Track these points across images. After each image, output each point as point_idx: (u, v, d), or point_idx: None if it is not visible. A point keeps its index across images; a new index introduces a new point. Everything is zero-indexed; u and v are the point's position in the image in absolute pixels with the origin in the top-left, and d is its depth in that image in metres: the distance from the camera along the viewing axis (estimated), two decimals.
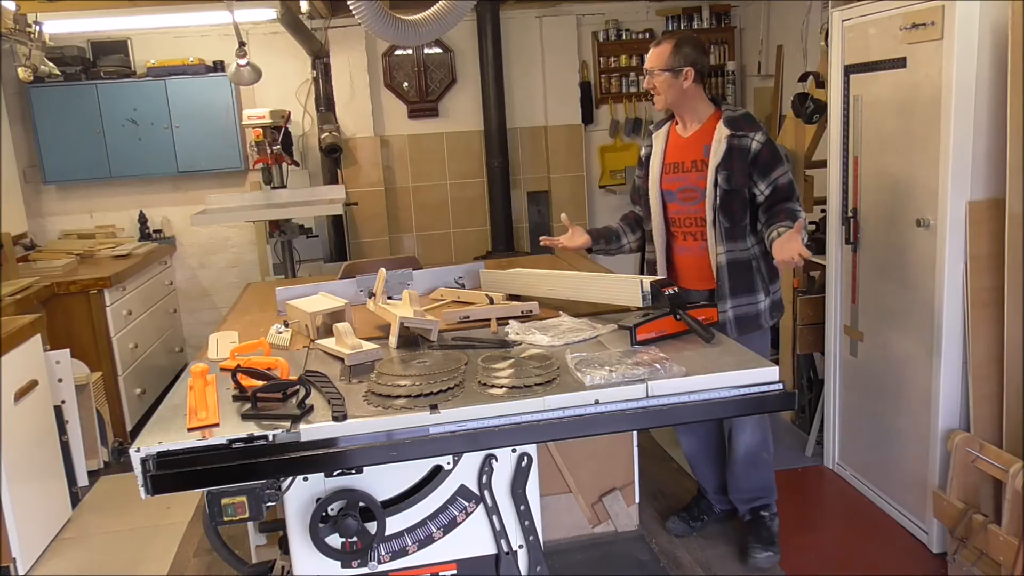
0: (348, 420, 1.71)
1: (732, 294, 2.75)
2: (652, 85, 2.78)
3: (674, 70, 2.73)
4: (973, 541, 2.61)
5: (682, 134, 2.86)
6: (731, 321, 2.75)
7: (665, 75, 2.73)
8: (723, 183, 2.68)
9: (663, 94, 2.77)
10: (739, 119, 2.72)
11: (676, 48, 2.72)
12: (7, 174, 4.89)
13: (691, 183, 2.78)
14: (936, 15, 2.71)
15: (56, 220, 5.48)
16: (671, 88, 2.75)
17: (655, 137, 2.97)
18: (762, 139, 2.67)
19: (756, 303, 2.77)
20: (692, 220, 2.81)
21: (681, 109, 2.82)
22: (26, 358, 3.31)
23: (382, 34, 2.75)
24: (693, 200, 2.78)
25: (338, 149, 5.28)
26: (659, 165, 2.88)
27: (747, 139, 2.67)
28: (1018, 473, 2.45)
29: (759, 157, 2.66)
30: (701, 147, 2.76)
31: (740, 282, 2.75)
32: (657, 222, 2.89)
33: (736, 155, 2.67)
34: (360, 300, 2.71)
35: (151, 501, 1.73)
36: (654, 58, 2.75)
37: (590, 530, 3.15)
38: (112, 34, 5.24)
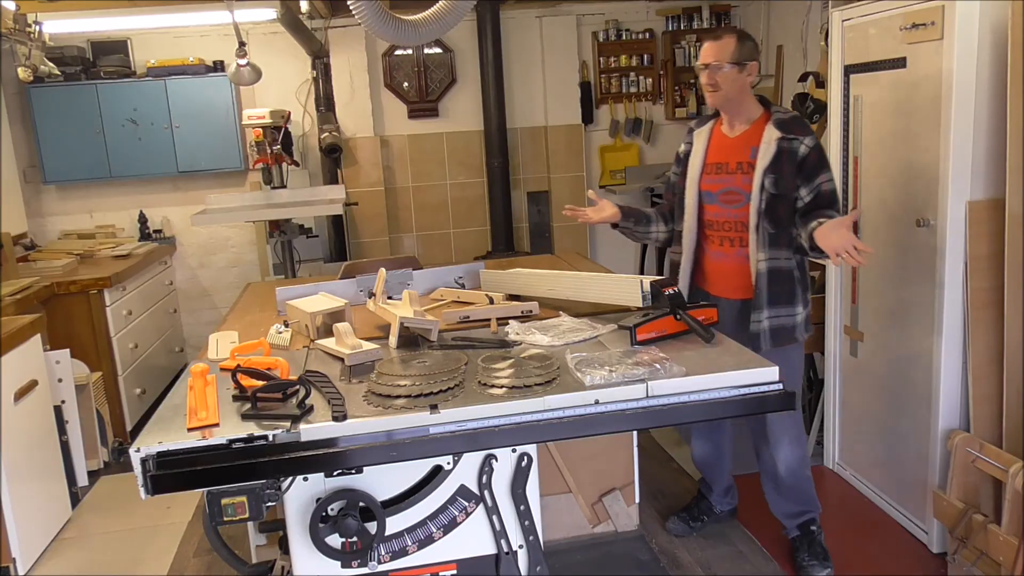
0: (348, 420, 1.71)
1: (770, 304, 2.63)
2: (713, 80, 2.61)
3: (740, 64, 2.59)
4: (973, 541, 2.61)
5: (728, 134, 2.73)
6: (766, 332, 2.65)
7: (730, 69, 2.59)
8: (770, 187, 2.57)
9: (724, 89, 2.61)
10: (790, 122, 2.60)
11: (741, 41, 2.60)
12: (7, 174, 4.89)
13: (735, 185, 2.67)
14: (936, 15, 2.71)
15: (56, 220, 5.48)
16: (734, 83, 2.61)
17: (696, 135, 2.81)
18: (811, 144, 2.56)
19: (793, 315, 2.66)
20: (732, 224, 2.70)
21: (734, 107, 2.68)
22: (26, 358, 3.31)
23: (382, 34, 2.76)
24: (735, 203, 2.67)
25: (338, 149, 5.28)
26: (699, 164, 2.76)
27: (797, 143, 2.56)
28: (1018, 473, 2.45)
29: (806, 161, 2.56)
30: (748, 148, 2.65)
31: (780, 292, 2.63)
32: (690, 223, 2.78)
33: (785, 159, 2.56)
34: (360, 300, 2.71)
35: (151, 501, 1.73)
36: (718, 51, 2.60)
37: (590, 530, 3.15)
38: (112, 34, 5.24)
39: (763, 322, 2.64)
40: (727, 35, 2.62)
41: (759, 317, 2.63)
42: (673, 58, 6.06)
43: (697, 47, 6.08)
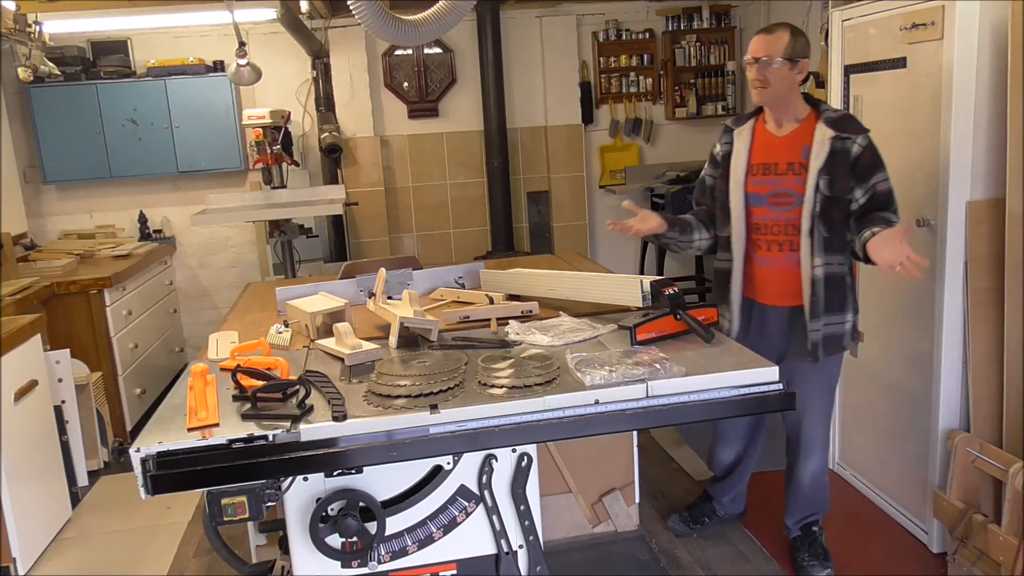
0: (348, 420, 1.71)
1: (826, 311, 2.54)
2: (762, 76, 2.49)
3: (792, 60, 2.48)
4: (973, 541, 2.61)
5: (775, 132, 2.60)
6: (820, 342, 2.57)
7: (782, 64, 2.47)
8: (825, 188, 2.46)
9: (773, 86, 2.49)
10: (841, 120, 2.49)
11: (794, 37, 2.48)
12: (7, 174, 4.89)
13: (785, 187, 2.55)
14: (936, 15, 2.71)
15: (56, 220, 5.48)
16: (784, 80, 2.49)
17: (737, 134, 2.67)
18: (864, 142, 2.45)
19: (843, 323, 2.58)
20: (781, 227, 2.58)
21: (782, 105, 2.56)
22: (26, 358, 3.31)
23: (382, 34, 2.76)
24: (786, 206, 2.56)
25: (338, 149, 5.28)
26: (744, 165, 2.62)
27: (850, 142, 2.45)
28: (1018, 473, 2.45)
29: (860, 161, 2.45)
30: (799, 148, 2.52)
31: (834, 298, 2.54)
32: (739, 228, 2.64)
33: (839, 159, 2.45)
34: (360, 300, 2.71)
35: (151, 501, 1.73)
36: (770, 45, 2.47)
37: (590, 530, 3.15)
38: (112, 34, 5.24)
39: (820, 331, 2.55)
40: (780, 29, 2.50)
41: (816, 326, 2.55)
42: (673, 58, 6.06)
43: (697, 47, 6.08)
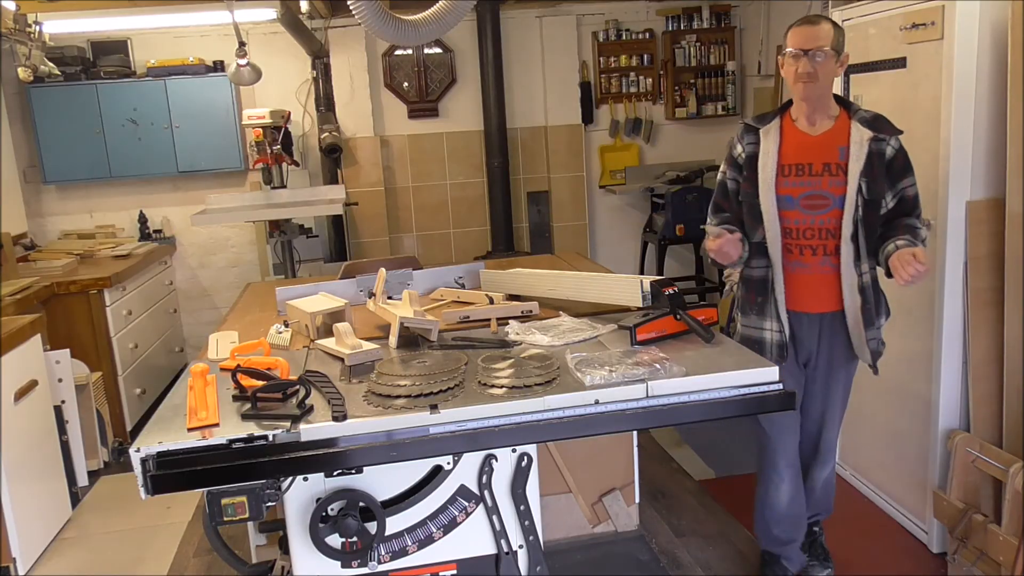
0: (348, 420, 1.71)
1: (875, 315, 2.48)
2: (811, 68, 2.32)
3: (838, 51, 2.35)
4: (973, 541, 2.61)
5: (808, 131, 2.45)
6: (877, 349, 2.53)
7: (830, 56, 2.32)
8: (866, 191, 2.35)
9: (821, 79, 2.34)
10: (876, 121, 2.38)
11: (836, 27, 2.36)
12: (7, 174, 4.89)
13: (821, 189, 2.40)
14: (936, 15, 2.71)
15: (56, 220, 5.48)
16: (831, 74, 2.36)
17: (763, 133, 2.49)
18: (897, 145, 2.37)
19: (881, 327, 2.54)
20: (815, 231, 2.43)
21: (823, 102, 2.41)
22: (26, 358, 3.31)
23: (382, 34, 2.76)
24: (821, 208, 2.41)
25: (338, 149, 5.28)
26: (773, 166, 2.45)
27: (884, 143, 2.36)
28: (1018, 473, 2.45)
29: (893, 164, 2.37)
30: (835, 148, 2.39)
31: (877, 305, 2.50)
32: (774, 232, 2.47)
33: (875, 161, 2.35)
34: (360, 300, 2.71)
35: (151, 501, 1.73)
36: (818, 36, 2.31)
37: (590, 530, 3.15)
38: (112, 34, 5.24)
39: (877, 338, 2.50)
40: (822, 20, 2.37)
41: (873, 334, 2.49)
42: (673, 58, 6.06)
43: (697, 47, 6.08)
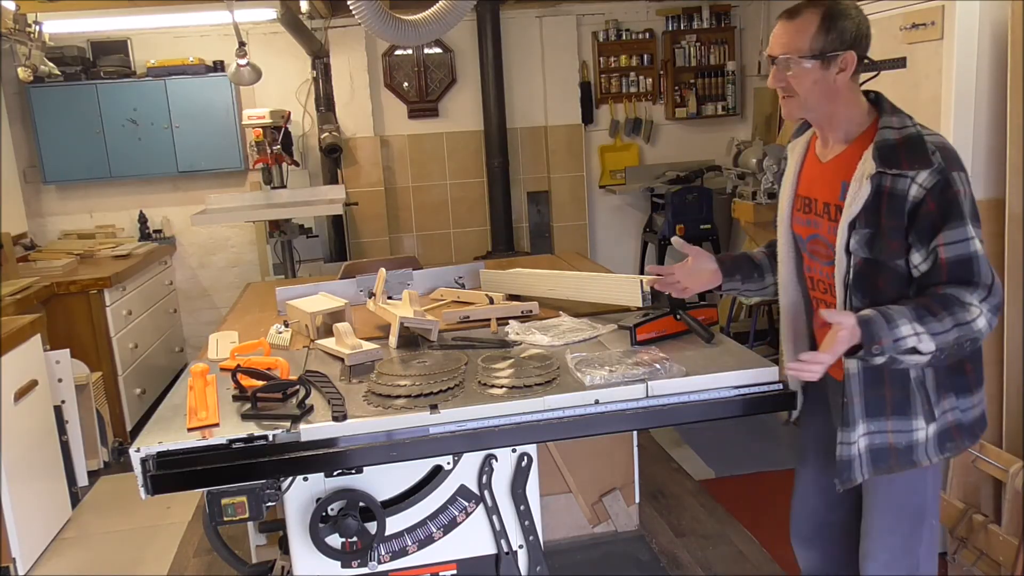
0: (348, 420, 1.71)
1: (866, 416, 1.77)
2: (782, 81, 1.75)
3: (824, 56, 1.70)
4: (973, 541, 2.61)
5: (820, 156, 1.87)
6: (860, 455, 1.78)
7: (806, 66, 1.70)
8: (859, 247, 1.71)
9: (801, 94, 1.74)
10: (898, 146, 1.67)
11: (828, 21, 1.69)
12: (7, 174, 4.89)
13: (822, 234, 1.83)
14: (936, 15, 2.71)
15: (56, 220, 5.48)
16: (815, 87, 1.72)
17: (791, 149, 1.97)
18: (928, 182, 1.63)
19: (910, 431, 1.76)
20: (825, 284, 1.86)
21: (823, 119, 1.81)
22: (26, 358, 3.31)
23: (382, 34, 2.76)
24: (825, 259, 1.83)
25: (338, 149, 5.28)
26: (789, 196, 1.92)
27: (904, 180, 1.64)
28: (1018, 473, 2.45)
29: (919, 210, 1.64)
30: (839, 182, 1.77)
31: (879, 399, 1.77)
32: (786, 277, 1.96)
33: (887, 205, 1.66)
34: (360, 300, 2.71)
35: (151, 501, 1.73)
36: (791, 36, 1.71)
37: (590, 530, 3.15)
38: (112, 34, 5.24)
39: (855, 444, 1.78)
40: (808, 11, 1.71)
41: (850, 436, 1.77)
42: (673, 58, 6.06)
43: (697, 47, 6.08)
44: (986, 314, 1.62)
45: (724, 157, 5.50)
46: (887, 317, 1.61)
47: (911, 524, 1.86)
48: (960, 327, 1.60)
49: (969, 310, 1.61)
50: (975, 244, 1.63)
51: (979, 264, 1.63)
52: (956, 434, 1.79)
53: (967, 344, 1.64)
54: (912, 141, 1.67)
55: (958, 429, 1.79)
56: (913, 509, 1.85)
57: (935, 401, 1.76)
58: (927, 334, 1.60)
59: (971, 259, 1.63)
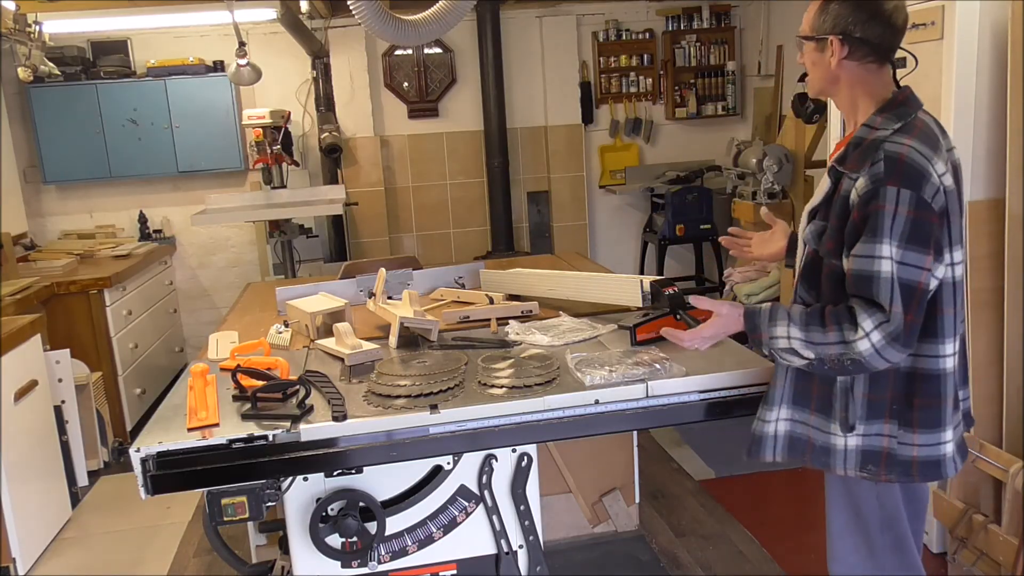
0: (348, 420, 1.71)
1: (792, 402, 1.77)
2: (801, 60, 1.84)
3: (815, 39, 1.74)
4: (973, 541, 2.61)
5: None
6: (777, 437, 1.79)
7: (807, 46, 1.77)
8: (811, 238, 1.73)
9: (811, 75, 1.83)
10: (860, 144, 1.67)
11: (827, 1, 1.70)
12: (7, 174, 4.89)
13: None
14: (936, 15, 2.71)
15: (56, 220, 5.48)
16: (815, 69, 1.78)
17: None
18: (863, 188, 1.60)
19: (827, 433, 1.74)
20: None
21: (837, 102, 1.84)
22: (26, 358, 3.31)
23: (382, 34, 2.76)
24: None
25: (338, 149, 5.28)
26: None
27: (850, 182, 1.64)
28: (1018, 473, 2.45)
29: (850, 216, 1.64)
30: None
31: (805, 391, 1.76)
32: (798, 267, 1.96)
33: (837, 203, 1.67)
34: (360, 300, 2.71)
35: (151, 501, 1.73)
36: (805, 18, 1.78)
37: (590, 530, 3.15)
38: (112, 34, 5.24)
39: (771, 423, 1.79)
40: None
41: (765, 415, 1.79)
42: (673, 58, 6.06)
43: (697, 47, 6.09)
44: (874, 339, 1.56)
45: (724, 157, 5.50)
46: (772, 315, 1.67)
47: (871, 529, 1.81)
48: (844, 344, 1.59)
49: (856, 330, 1.58)
50: (883, 264, 1.56)
51: (879, 285, 1.57)
52: (883, 461, 1.71)
53: (848, 363, 1.60)
54: (870, 144, 1.64)
55: (888, 458, 1.70)
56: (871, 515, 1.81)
57: (861, 416, 1.70)
58: (805, 341, 1.63)
59: (872, 278, 1.57)
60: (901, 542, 1.82)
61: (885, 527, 1.81)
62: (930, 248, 1.59)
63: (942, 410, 1.69)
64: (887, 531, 1.81)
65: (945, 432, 1.70)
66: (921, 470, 1.71)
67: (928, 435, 1.69)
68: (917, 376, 1.68)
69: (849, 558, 1.85)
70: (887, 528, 1.81)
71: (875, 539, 1.82)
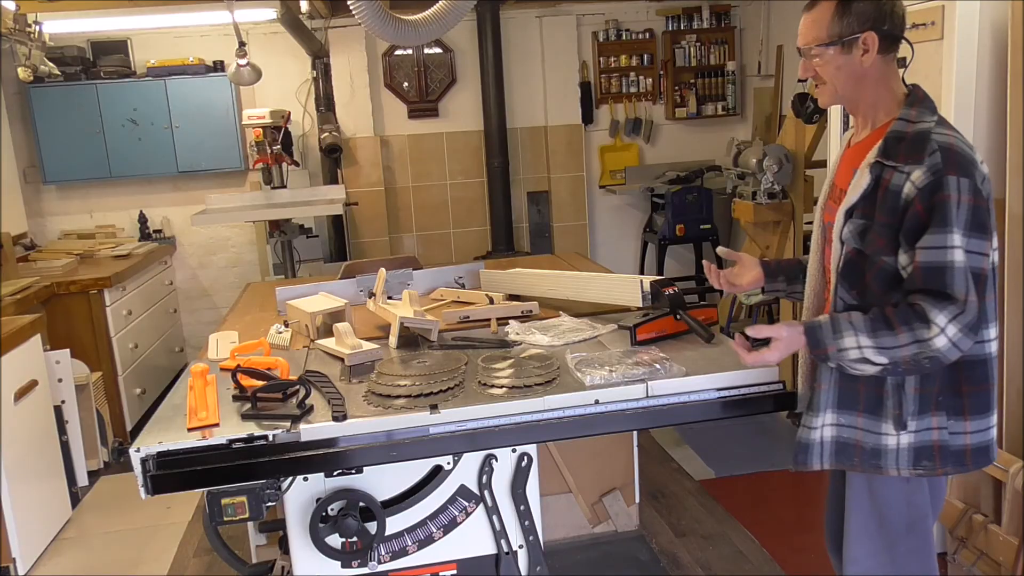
0: (348, 420, 1.71)
1: (837, 407, 1.75)
2: (810, 71, 1.76)
3: (843, 41, 1.69)
4: (973, 541, 2.61)
5: (852, 142, 1.86)
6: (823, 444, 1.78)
7: (828, 52, 1.71)
8: (851, 237, 1.69)
9: (829, 81, 1.74)
10: (903, 138, 1.65)
11: (843, 5, 1.68)
12: (7, 174, 4.89)
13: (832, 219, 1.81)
14: (936, 15, 2.71)
15: (56, 220, 5.48)
16: (840, 73, 1.71)
17: (844, 138, 1.94)
18: (921, 181, 1.58)
19: (878, 434, 1.72)
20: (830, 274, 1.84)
21: (854, 104, 1.79)
22: (26, 358, 3.31)
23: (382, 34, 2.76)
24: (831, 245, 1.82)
25: (338, 149, 5.28)
26: (828, 183, 1.91)
27: (900, 176, 1.61)
28: (1018, 473, 2.45)
29: (909, 209, 1.60)
30: (853, 169, 1.76)
31: (852, 393, 1.73)
32: (813, 264, 1.91)
33: (883, 199, 1.64)
34: (360, 300, 2.71)
35: (151, 501, 1.73)
36: (810, 26, 1.74)
37: (590, 530, 3.15)
38: (112, 34, 5.24)
39: (817, 430, 1.77)
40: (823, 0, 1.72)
41: (812, 421, 1.77)
42: (673, 58, 6.06)
43: (697, 47, 6.08)
44: (950, 333, 1.55)
45: (724, 157, 5.49)
46: (835, 326, 1.63)
47: (895, 532, 1.79)
48: (919, 344, 1.57)
49: (931, 327, 1.56)
50: (955, 254, 1.56)
51: (954, 276, 1.56)
52: (937, 455, 1.71)
53: (925, 361, 1.59)
54: (919, 135, 1.64)
55: (941, 451, 1.70)
56: (896, 517, 1.79)
57: (913, 411, 1.69)
58: (876, 348, 1.60)
59: (945, 268, 1.56)
60: (924, 544, 1.81)
61: (910, 529, 1.79)
62: (989, 234, 1.62)
63: (990, 394, 1.73)
64: (912, 533, 1.79)
65: (992, 416, 1.74)
66: (974, 458, 1.72)
67: (979, 421, 1.71)
68: (964, 363, 1.67)
69: (868, 561, 1.83)
70: (912, 530, 1.79)
71: (897, 542, 1.79)
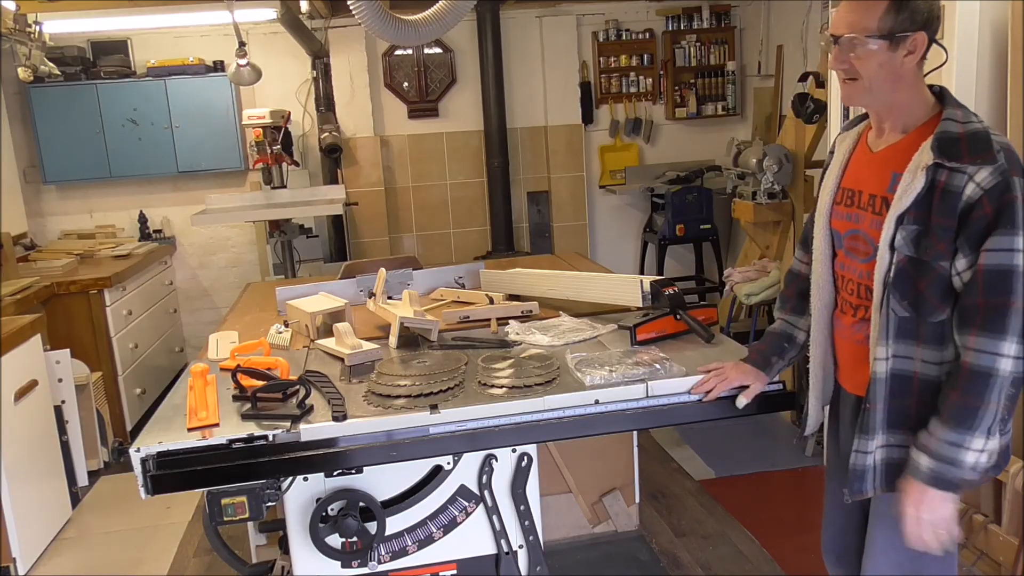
0: (348, 420, 1.72)
1: (888, 426, 1.66)
2: (845, 62, 1.62)
3: (893, 36, 1.57)
4: (973, 541, 2.61)
5: (872, 145, 1.74)
6: (876, 467, 1.68)
7: (872, 47, 1.58)
8: (905, 245, 1.59)
9: (866, 78, 1.61)
10: (961, 139, 1.56)
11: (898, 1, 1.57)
12: (7, 174, 4.89)
13: (863, 228, 1.70)
14: None
15: (56, 220, 5.48)
16: (881, 71, 1.60)
17: (839, 141, 1.85)
18: (988, 182, 1.51)
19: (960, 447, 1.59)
20: (855, 285, 1.74)
21: (886, 106, 1.68)
22: (26, 358, 3.31)
23: (382, 34, 2.76)
24: (863, 255, 1.71)
25: (338, 149, 5.28)
26: (832, 188, 1.80)
27: (961, 176, 1.54)
28: (1018, 473, 2.45)
29: (973, 212, 1.53)
30: (888, 173, 1.65)
31: (904, 410, 1.65)
32: (821, 275, 1.81)
33: (939, 201, 1.55)
34: (360, 300, 2.71)
35: (151, 501, 1.73)
36: (857, 14, 1.59)
37: (590, 530, 3.15)
38: (112, 34, 5.24)
39: (871, 454, 1.66)
40: None
41: (865, 446, 1.67)
42: (673, 58, 6.06)
43: (697, 47, 6.08)
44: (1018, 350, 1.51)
45: (724, 157, 5.49)
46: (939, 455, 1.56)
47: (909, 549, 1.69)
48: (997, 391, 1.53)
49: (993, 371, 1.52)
50: (1020, 258, 1.50)
51: (1017, 281, 1.50)
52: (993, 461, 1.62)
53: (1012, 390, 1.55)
54: (977, 135, 1.57)
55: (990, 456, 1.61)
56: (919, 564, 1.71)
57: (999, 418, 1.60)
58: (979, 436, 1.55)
59: (1010, 272, 1.51)
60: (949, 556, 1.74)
61: None
62: None
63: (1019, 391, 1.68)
64: None
65: None
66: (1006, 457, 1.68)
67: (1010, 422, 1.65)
68: None
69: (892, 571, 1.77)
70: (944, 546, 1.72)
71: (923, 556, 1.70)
